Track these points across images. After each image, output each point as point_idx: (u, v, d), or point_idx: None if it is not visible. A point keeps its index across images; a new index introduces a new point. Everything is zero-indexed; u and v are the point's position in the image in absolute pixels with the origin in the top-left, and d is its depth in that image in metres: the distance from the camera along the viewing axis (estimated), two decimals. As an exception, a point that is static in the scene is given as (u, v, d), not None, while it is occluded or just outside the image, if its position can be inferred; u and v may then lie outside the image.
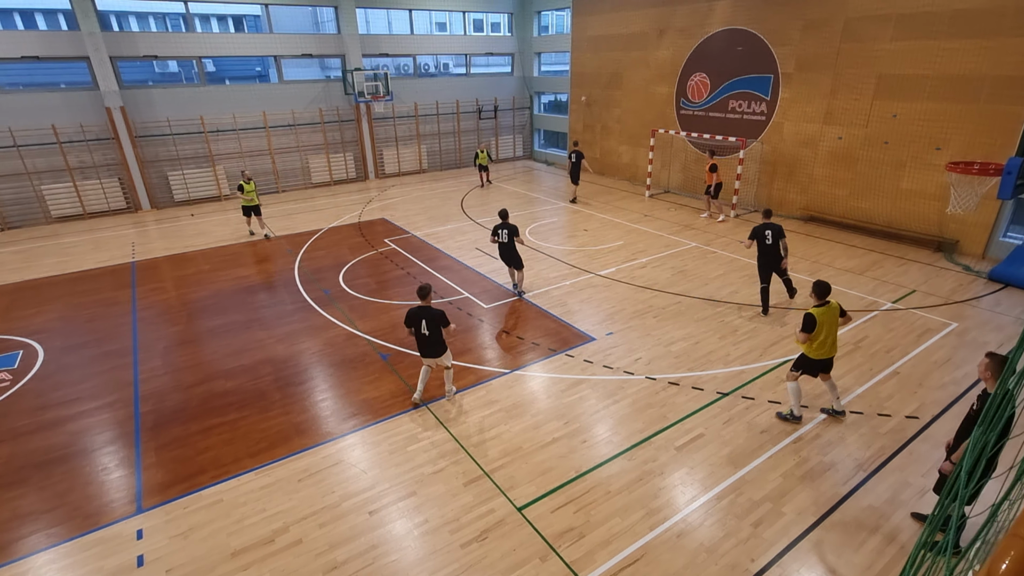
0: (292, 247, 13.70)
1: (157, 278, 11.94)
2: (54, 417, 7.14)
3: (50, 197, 16.32)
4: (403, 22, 22.04)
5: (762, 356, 8.13)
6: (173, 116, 17.65)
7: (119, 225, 16.28)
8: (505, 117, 25.00)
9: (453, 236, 14.25)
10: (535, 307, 9.92)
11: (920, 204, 12.63)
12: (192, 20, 17.71)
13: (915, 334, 8.68)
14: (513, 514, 5.37)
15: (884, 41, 12.45)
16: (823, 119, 14.03)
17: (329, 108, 20.41)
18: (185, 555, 5.02)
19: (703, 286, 10.67)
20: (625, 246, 13.13)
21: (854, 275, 11.10)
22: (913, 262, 11.76)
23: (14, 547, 5.16)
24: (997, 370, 4.40)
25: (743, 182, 15.74)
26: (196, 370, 8.19)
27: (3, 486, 5.94)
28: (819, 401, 6.99)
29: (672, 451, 6.19)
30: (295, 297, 10.68)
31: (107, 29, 16.49)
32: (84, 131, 16.39)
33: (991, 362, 4.46)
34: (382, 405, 7.18)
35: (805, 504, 5.40)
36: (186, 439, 6.63)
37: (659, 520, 5.26)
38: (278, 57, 19.25)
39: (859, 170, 13.58)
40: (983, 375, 4.53)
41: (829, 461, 5.97)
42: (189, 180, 18.31)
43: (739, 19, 15.34)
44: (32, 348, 8.98)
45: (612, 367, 7.92)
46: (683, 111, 17.67)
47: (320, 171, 20.82)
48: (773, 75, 14.86)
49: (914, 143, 12.44)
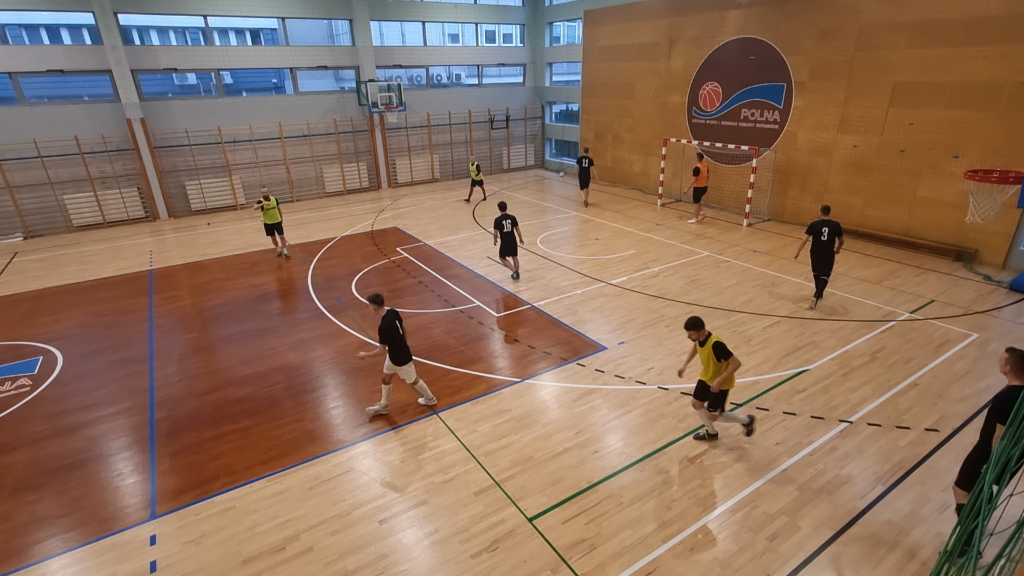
0: (306, 255, 13.84)
1: (173, 286, 12.12)
2: (72, 423, 7.24)
3: (71, 206, 16.68)
4: (416, 34, 22.32)
5: (776, 366, 8.02)
6: (191, 127, 18.00)
7: (137, 234, 16.58)
8: (517, 127, 25.15)
9: (464, 245, 14.30)
10: (546, 316, 9.90)
11: (938, 213, 12.45)
12: (211, 34, 18.10)
13: (934, 345, 8.52)
14: (524, 525, 5.33)
15: (900, 49, 12.35)
16: (837, 127, 13.92)
17: (343, 119, 20.68)
18: (197, 562, 5.04)
19: (716, 295, 10.58)
20: (637, 255, 13.08)
21: (871, 284, 10.94)
22: (931, 272, 11.56)
23: (32, 551, 5.22)
24: (1018, 364, 4.38)
25: (756, 191, 15.64)
26: (210, 377, 8.27)
27: (22, 490, 6.03)
28: (836, 412, 6.87)
29: (685, 462, 6.11)
30: (308, 305, 10.77)
31: (129, 43, 16.93)
32: (105, 142, 16.77)
33: (1011, 357, 4.43)
34: (393, 413, 7.18)
35: (822, 518, 5.29)
36: (199, 446, 6.69)
37: (672, 533, 5.18)
38: (294, 69, 19.60)
39: (875, 179, 13.43)
40: (1004, 370, 4.50)
41: (846, 474, 5.85)
42: (206, 190, 18.63)
43: (751, 28, 15.32)
44: (52, 354, 9.14)
45: (624, 377, 7.86)
46: (695, 120, 17.64)
47: (334, 180, 21.07)
48: (786, 84, 14.79)
49: (931, 151, 12.28)
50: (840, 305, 10.02)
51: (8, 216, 16.04)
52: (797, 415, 6.86)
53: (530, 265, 12.60)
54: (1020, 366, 4.40)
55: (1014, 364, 4.40)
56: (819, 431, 6.55)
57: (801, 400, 7.19)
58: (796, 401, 7.16)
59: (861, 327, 9.17)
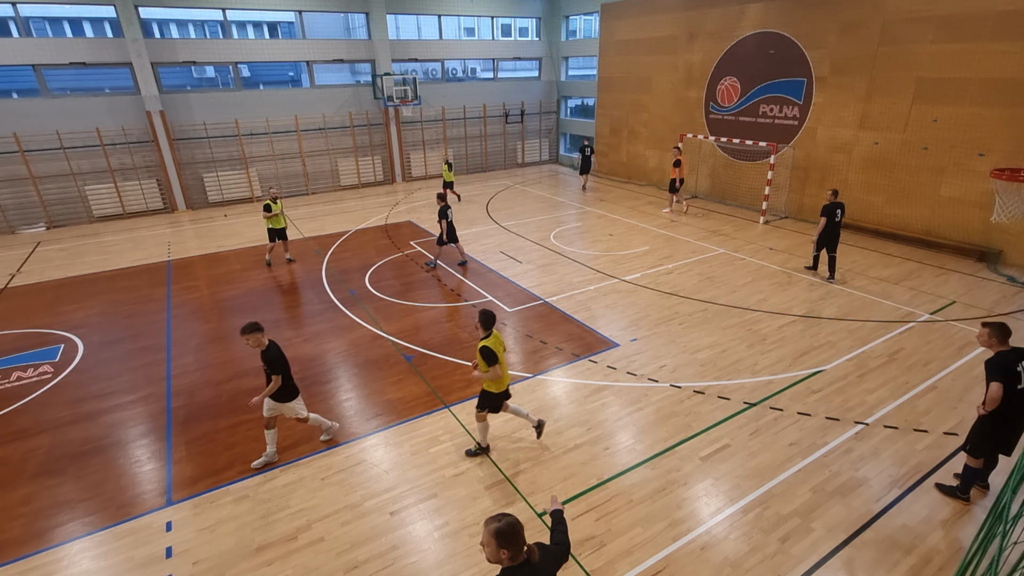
0: (320, 248, 13.95)
1: (191, 276, 12.29)
2: (91, 409, 7.39)
3: (92, 197, 16.98)
4: (432, 27, 22.30)
5: (792, 366, 7.92)
6: (209, 120, 18.20)
7: (156, 225, 16.84)
8: (532, 121, 25.04)
9: (478, 239, 14.30)
10: (559, 311, 9.88)
11: (961, 212, 12.17)
12: (229, 27, 18.25)
13: (955, 347, 8.35)
14: (533, 520, 5.34)
15: (924, 43, 12.06)
16: (858, 124, 13.65)
17: (358, 112, 20.75)
18: (211, 548, 5.13)
19: (731, 293, 10.47)
20: (651, 251, 12.98)
21: (890, 284, 10.75)
22: (953, 272, 11.32)
23: (52, 534, 5.35)
24: (998, 333, 4.92)
25: (774, 188, 15.42)
26: (226, 367, 8.39)
27: (44, 474, 6.17)
28: (852, 413, 6.78)
29: (697, 461, 6.07)
30: (322, 297, 10.86)
31: (149, 36, 17.14)
32: (126, 134, 17.03)
33: (991, 329, 4.96)
34: (405, 406, 7.23)
35: (836, 520, 5.23)
36: (215, 434, 6.79)
37: (682, 531, 5.16)
38: (310, 62, 19.70)
39: (896, 176, 13.16)
40: (988, 343, 4.99)
41: (861, 477, 5.77)
42: (223, 182, 18.84)
43: (771, 22, 15.06)
44: (73, 342, 9.33)
45: (636, 374, 7.82)
46: (712, 115, 17.42)
47: (349, 174, 21.18)
48: (806, 79, 14.53)
49: (955, 149, 12.00)
50: (858, 305, 9.86)
51: (32, 206, 16.38)
52: (812, 416, 6.78)
53: (543, 260, 12.57)
54: (1001, 334, 4.94)
55: (995, 333, 4.95)
56: (834, 432, 6.47)
57: (816, 401, 7.09)
58: (811, 402, 7.07)
59: (879, 327, 9.01)
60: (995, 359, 4.89)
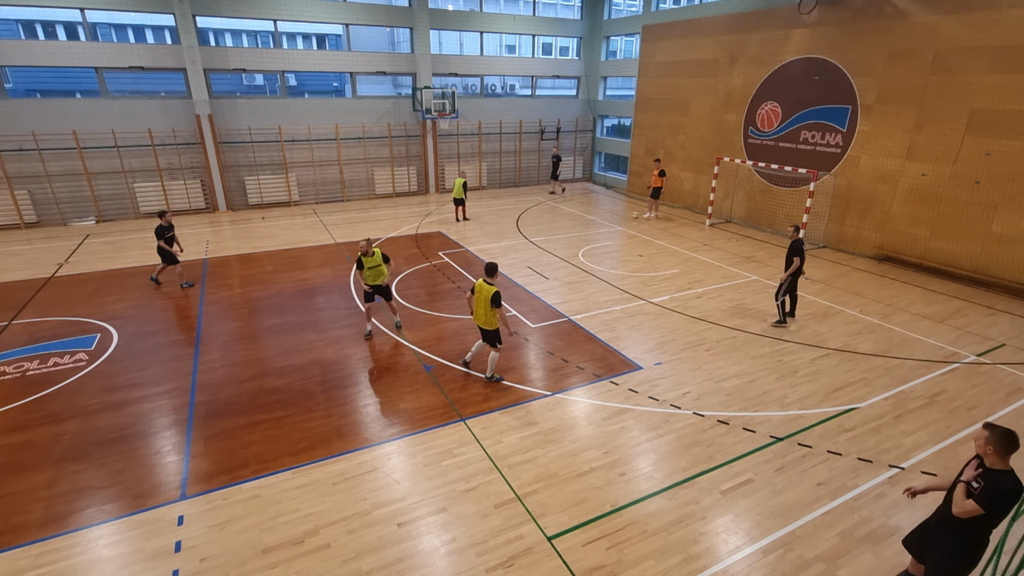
0: (351, 255, 14.16)
1: (225, 275, 12.62)
2: (120, 399, 7.59)
3: (140, 194, 17.73)
4: (474, 43, 22.68)
5: (823, 402, 7.58)
6: (254, 125, 18.84)
7: (197, 223, 17.42)
8: (567, 139, 25.10)
9: (506, 253, 14.30)
10: (582, 330, 9.73)
11: (1015, 250, 11.54)
12: (280, 37, 18.95)
13: (1003, 392, 7.85)
14: (542, 543, 5.18)
15: (980, 74, 11.59)
16: (905, 154, 13.17)
17: (397, 123, 21.18)
18: (220, 546, 5.14)
19: (762, 322, 10.14)
20: (681, 275, 12.72)
21: (933, 322, 10.23)
22: (1004, 313, 10.72)
23: (70, 519, 5.46)
24: (1002, 443, 3.74)
25: (812, 216, 14.99)
26: (250, 366, 8.52)
27: (68, 460, 6.34)
28: (886, 456, 6.41)
29: (717, 495, 5.81)
30: (348, 303, 10.99)
31: (204, 43, 17.92)
32: (175, 135, 17.77)
33: (992, 435, 3.78)
34: (421, 416, 7.19)
35: (864, 570, 4.91)
36: (233, 432, 6.87)
37: (698, 568, 4.92)
38: (354, 73, 20.25)
39: (944, 210, 12.61)
40: (983, 450, 3.84)
41: (894, 525, 5.42)
42: (263, 185, 19.43)
43: (817, 48, 14.76)
44: (108, 332, 9.65)
45: (658, 399, 7.60)
46: (751, 140, 17.11)
47: (384, 183, 21.57)
48: (851, 106, 14.14)
49: (1011, 184, 11.43)
50: (898, 341, 9.41)
51: (84, 200, 17.19)
52: (843, 455, 6.44)
53: (570, 277, 12.45)
54: (1007, 445, 3.72)
55: (997, 443, 3.74)
56: (866, 475, 6.12)
57: (848, 440, 6.74)
58: (842, 440, 6.73)
59: (919, 367, 8.56)
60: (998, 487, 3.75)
